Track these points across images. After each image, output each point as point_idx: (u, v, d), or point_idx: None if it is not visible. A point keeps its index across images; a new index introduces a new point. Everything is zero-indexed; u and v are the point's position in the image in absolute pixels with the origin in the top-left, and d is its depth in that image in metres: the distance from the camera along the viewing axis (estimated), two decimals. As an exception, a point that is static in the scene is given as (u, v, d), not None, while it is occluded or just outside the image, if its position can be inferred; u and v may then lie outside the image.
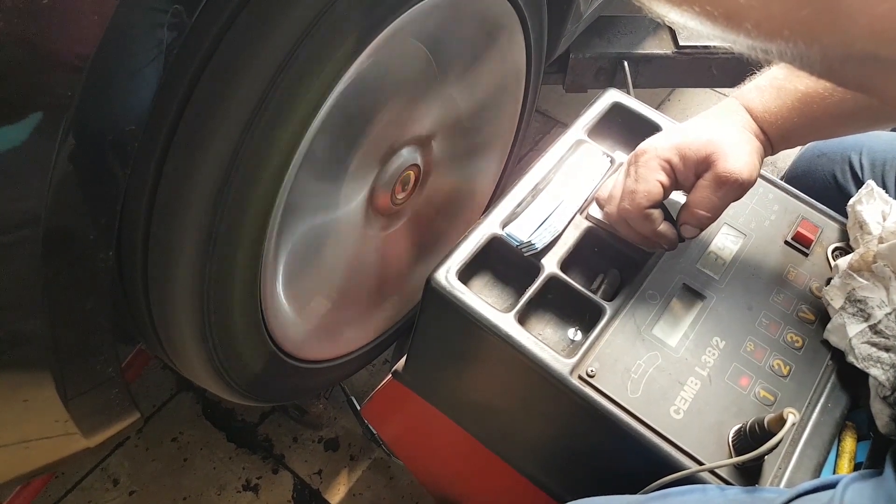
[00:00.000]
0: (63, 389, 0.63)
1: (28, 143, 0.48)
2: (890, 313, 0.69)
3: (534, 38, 0.97)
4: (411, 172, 0.94)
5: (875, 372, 0.68)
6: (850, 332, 0.70)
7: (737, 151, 0.70)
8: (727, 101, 0.76)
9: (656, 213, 0.71)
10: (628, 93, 0.91)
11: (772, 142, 0.74)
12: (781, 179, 0.90)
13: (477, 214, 1.13)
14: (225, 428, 1.24)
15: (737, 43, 0.46)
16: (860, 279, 0.71)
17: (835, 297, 0.73)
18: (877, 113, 0.70)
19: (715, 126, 0.72)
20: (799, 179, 0.96)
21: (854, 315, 0.70)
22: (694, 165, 0.70)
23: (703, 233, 0.80)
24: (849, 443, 0.70)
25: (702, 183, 0.70)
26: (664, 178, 0.70)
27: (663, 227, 0.72)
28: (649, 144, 0.72)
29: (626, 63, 1.33)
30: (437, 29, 0.82)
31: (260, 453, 1.22)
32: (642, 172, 0.71)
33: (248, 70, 0.59)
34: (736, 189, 0.69)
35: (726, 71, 1.37)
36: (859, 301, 0.70)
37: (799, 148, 1.00)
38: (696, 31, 0.47)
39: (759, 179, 0.86)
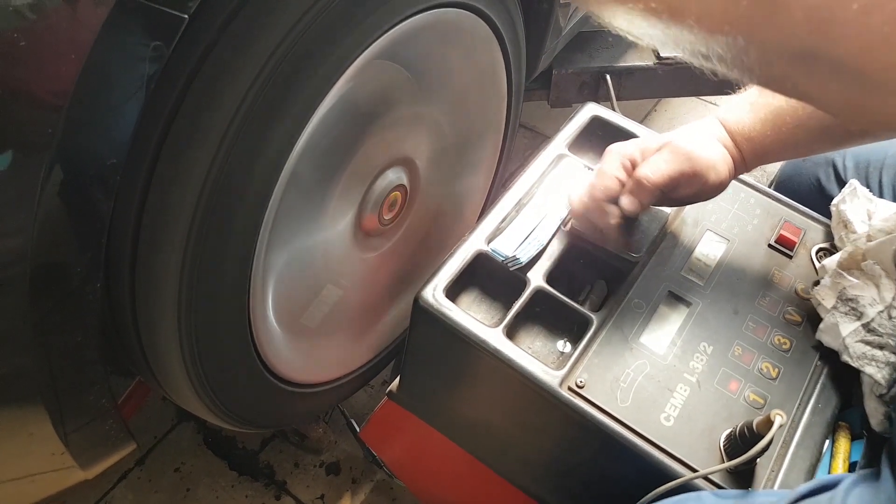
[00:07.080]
0: (59, 424, 0.63)
1: (12, 182, 0.49)
2: (882, 311, 0.68)
3: (511, 55, 0.98)
4: (398, 193, 0.95)
5: (870, 370, 0.67)
6: (844, 332, 0.70)
7: (695, 138, 0.72)
8: (705, 118, 0.77)
9: (612, 208, 0.73)
10: (612, 106, 0.93)
11: (745, 155, 0.74)
12: (770, 186, 0.91)
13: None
14: (226, 456, 1.24)
15: (681, 42, 0.46)
16: (850, 278, 0.71)
17: (826, 297, 0.73)
18: (847, 129, 0.70)
19: (682, 130, 0.75)
20: (785, 185, 0.96)
21: (846, 314, 0.70)
22: (652, 155, 0.72)
23: (687, 239, 0.80)
24: (843, 443, 0.70)
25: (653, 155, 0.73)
26: (622, 175, 0.73)
27: (614, 222, 0.73)
28: (614, 145, 0.76)
29: (608, 76, 1.34)
30: (415, 51, 0.83)
31: (262, 480, 1.21)
32: (603, 168, 0.74)
33: (225, 98, 0.60)
34: (683, 160, 0.71)
35: (708, 79, 1.38)
36: (851, 300, 0.70)
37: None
38: (643, 34, 0.48)
39: (740, 185, 0.86)
